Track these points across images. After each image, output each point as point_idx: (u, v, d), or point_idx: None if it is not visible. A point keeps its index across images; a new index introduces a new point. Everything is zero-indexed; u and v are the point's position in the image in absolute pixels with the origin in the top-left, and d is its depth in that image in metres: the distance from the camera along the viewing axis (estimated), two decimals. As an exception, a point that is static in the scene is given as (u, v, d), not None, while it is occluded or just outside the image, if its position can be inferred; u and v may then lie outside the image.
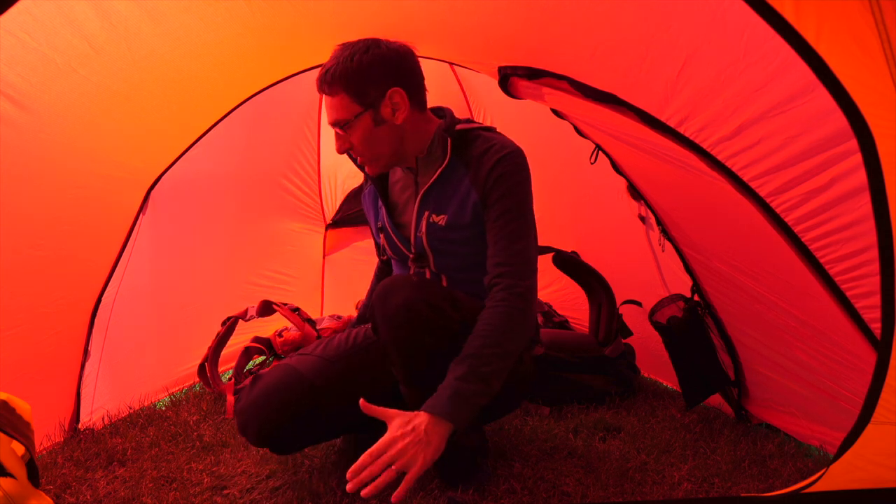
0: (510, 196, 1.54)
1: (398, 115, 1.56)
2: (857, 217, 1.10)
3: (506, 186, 1.54)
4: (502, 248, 1.53)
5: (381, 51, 1.54)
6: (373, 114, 1.56)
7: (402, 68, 1.57)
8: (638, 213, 2.26)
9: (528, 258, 1.54)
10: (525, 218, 1.56)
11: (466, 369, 1.39)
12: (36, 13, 1.40)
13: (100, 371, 2.15)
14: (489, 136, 1.62)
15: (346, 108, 1.56)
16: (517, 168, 1.56)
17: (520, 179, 1.57)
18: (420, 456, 1.30)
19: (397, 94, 1.55)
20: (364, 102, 1.55)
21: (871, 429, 1.11)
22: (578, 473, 1.65)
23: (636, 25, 1.31)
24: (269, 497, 1.57)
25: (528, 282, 1.51)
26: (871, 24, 0.91)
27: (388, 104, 1.55)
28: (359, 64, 1.53)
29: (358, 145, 1.59)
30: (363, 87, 1.54)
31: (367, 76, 1.53)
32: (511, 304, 1.47)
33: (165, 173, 2.24)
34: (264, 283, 3.17)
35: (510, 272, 1.50)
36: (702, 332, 2.04)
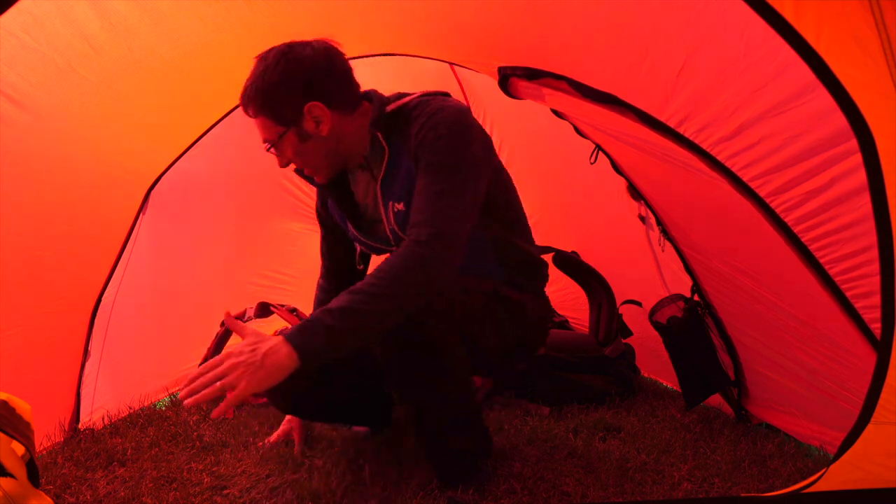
0: (432, 156, 1.45)
1: (322, 127, 1.51)
2: (857, 217, 1.10)
3: (429, 149, 1.46)
4: (419, 206, 1.43)
5: (292, 66, 1.47)
6: (297, 131, 1.51)
7: (315, 80, 1.50)
8: (638, 213, 2.26)
9: (445, 214, 1.41)
10: (451, 177, 1.44)
11: (339, 303, 1.30)
12: (36, 13, 1.40)
13: (100, 371, 2.15)
14: (420, 104, 1.53)
15: (269, 129, 1.53)
16: (440, 127, 1.46)
17: (442, 137, 1.45)
18: (245, 378, 1.22)
19: (316, 108, 1.49)
20: (284, 122, 1.51)
21: (871, 429, 1.11)
22: (578, 473, 1.65)
23: (636, 26, 1.31)
24: (268, 497, 1.57)
25: (437, 231, 1.38)
26: (871, 24, 0.91)
27: (308, 119, 1.50)
28: (270, 85, 1.48)
29: (294, 160, 1.57)
30: (279, 108, 1.49)
31: (280, 97, 1.48)
32: (410, 250, 1.37)
33: (165, 173, 2.24)
34: (264, 283, 3.17)
35: (420, 223, 1.40)
36: (702, 332, 2.04)
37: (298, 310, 2.80)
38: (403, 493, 1.55)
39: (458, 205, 1.43)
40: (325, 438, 1.93)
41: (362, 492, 1.57)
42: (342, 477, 1.64)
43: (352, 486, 1.60)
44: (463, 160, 1.47)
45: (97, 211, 2.00)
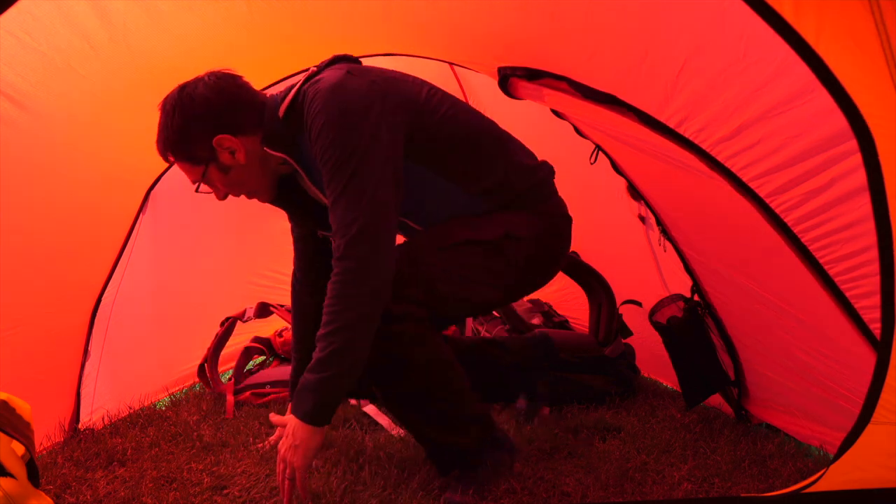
0: (320, 158, 1.41)
1: (238, 156, 1.53)
2: (857, 217, 1.10)
3: (318, 142, 1.41)
4: (331, 216, 1.41)
5: (188, 109, 1.50)
6: (216, 165, 1.54)
7: (216, 113, 1.51)
8: (638, 213, 2.26)
9: (352, 218, 1.37)
10: (342, 173, 1.38)
11: (314, 358, 1.37)
12: (36, 13, 1.40)
13: (100, 371, 2.15)
14: (305, 99, 1.47)
15: (191, 172, 1.58)
16: (322, 115, 1.40)
17: (324, 134, 1.39)
18: (293, 460, 1.40)
19: (225, 140, 1.51)
20: (201, 161, 1.54)
21: (871, 429, 1.11)
22: (578, 473, 1.65)
23: (636, 26, 1.31)
24: (268, 497, 1.57)
25: (349, 241, 1.36)
26: (871, 24, 0.91)
27: (223, 152, 1.53)
28: (174, 133, 1.52)
29: (228, 191, 1.61)
30: (189, 149, 1.53)
31: (187, 141, 1.52)
32: (337, 273, 1.37)
33: (165, 173, 2.24)
34: (264, 283, 3.17)
35: (334, 234, 1.39)
36: (702, 332, 2.04)
37: (298, 310, 2.80)
38: (403, 493, 1.55)
39: (361, 201, 1.38)
40: (326, 438, 1.93)
41: (362, 492, 1.57)
42: (342, 477, 1.64)
43: (352, 486, 1.60)
44: (347, 147, 1.38)
45: (97, 211, 2.00)
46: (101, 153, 1.88)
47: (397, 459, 1.75)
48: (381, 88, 1.47)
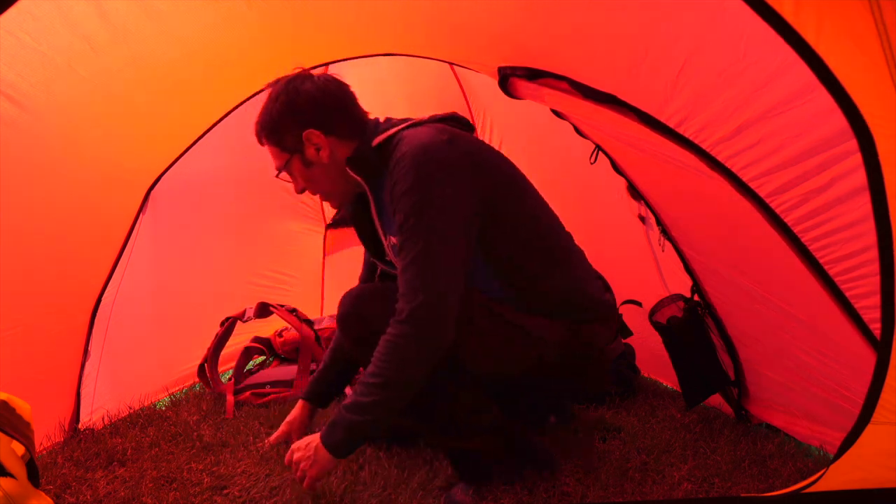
0: (402, 212, 1.44)
1: (322, 154, 1.59)
2: (857, 217, 1.10)
3: (400, 203, 1.44)
4: (399, 277, 1.43)
5: (291, 97, 1.57)
6: (300, 157, 1.60)
7: (313, 109, 1.57)
8: (638, 213, 2.26)
9: (419, 283, 1.40)
10: (419, 240, 1.41)
11: (351, 399, 1.43)
12: (36, 13, 1.40)
13: (100, 371, 2.16)
14: (401, 141, 1.51)
15: (277, 157, 1.64)
16: (408, 179, 1.43)
17: (410, 194, 1.42)
18: (308, 470, 1.47)
19: (313, 135, 1.57)
20: (286, 149, 1.61)
21: (871, 429, 1.11)
22: (578, 473, 1.65)
23: (636, 26, 1.31)
24: (268, 497, 1.57)
25: (415, 305, 1.39)
26: (871, 24, 0.91)
27: (309, 146, 1.59)
28: (271, 115, 1.60)
29: (305, 186, 1.66)
30: (280, 136, 1.60)
31: (280, 126, 1.59)
32: (393, 333, 1.40)
33: (165, 173, 2.24)
34: (264, 284, 3.17)
35: (401, 297, 1.42)
36: (702, 332, 2.04)
37: (298, 310, 2.81)
38: (403, 493, 1.55)
39: (429, 273, 1.41)
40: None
41: (362, 492, 1.57)
42: (342, 477, 1.64)
43: (352, 486, 1.60)
44: (424, 217, 1.41)
45: (97, 211, 2.00)
46: (101, 153, 1.88)
47: (397, 459, 1.75)
48: (472, 162, 1.50)
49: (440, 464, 1.71)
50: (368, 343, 1.47)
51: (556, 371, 1.59)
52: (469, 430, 1.55)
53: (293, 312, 2.74)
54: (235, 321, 2.67)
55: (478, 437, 1.56)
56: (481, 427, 1.56)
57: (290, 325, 2.71)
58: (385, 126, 1.61)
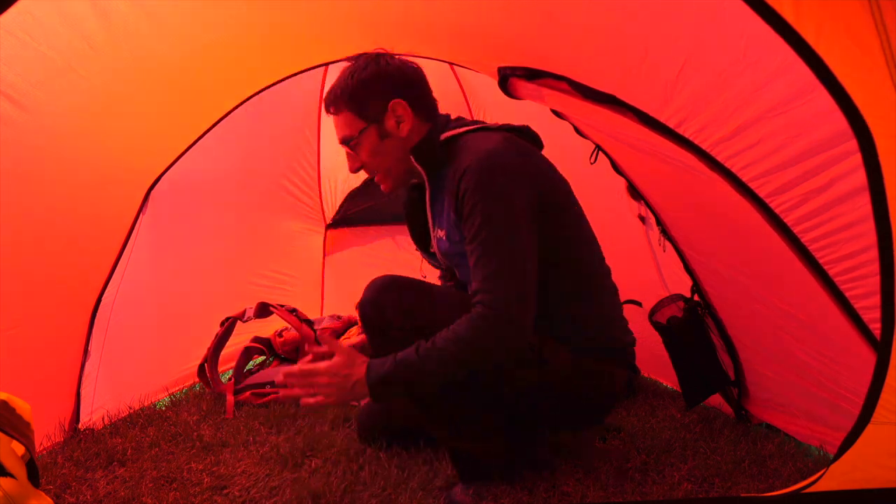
0: (476, 215, 1.44)
1: (402, 127, 1.57)
2: (857, 217, 1.10)
3: (471, 204, 1.44)
4: (477, 274, 1.43)
5: (381, 66, 1.56)
6: (377, 128, 1.57)
7: (402, 81, 1.57)
8: (638, 213, 2.26)
9: (502, 283, 1.41)
10: (496, 236, 1.43)
11: (414, 356, 1.40)
12: (36, 13, 1.39)
13: (100, 371, 2.15)
14: (469, 141, 1.53)
15: (350, 125, 1.58)
16: (482, 179, 1.44)
17: (484, 193, 1.44)
18: (334, 396, 1.44)
19: (399, 105, 1.55)
20: (367, 117, 1.57)
21: (871, 429, 1.11)
22: (578, 473, 1.65)
23: (636, 26, 1.31)
24: (268, 497, 1.57)
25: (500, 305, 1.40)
26: (871, 24, 0.91)
27: (391, 117, 1.56)
28: (358, 80, 1.56)
29: (368, 161, 1.61)
30: (364, 101, 1.56)
31: (366, 91, 1.56)
32: (478, 323, 1.40)
33: (165, 173, 2.24)
34: (264, 283, 3.17)
35: (483, 291, 1.41)
36: (702, 332, 2.04)
37: (298, 310, 2.81)
38: (403, 493, 1.55)
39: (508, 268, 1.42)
40: (326, 438, 1.93)
41: (362, 492, 1.57)
42: (342, 477, 1.64)
43: (352, 486, 1.60)
44: (504, 217, 1.44)
45: (97, 211, 2.00)
46: (101, 153, 1.88)
47: (397, 459, 1.75)
48: (533, 178, 1.52)
49: (440, 464, 1.71)
50: (381, 332, 1.48)
51: (555, 401, 1.58)
52: (472, 429, 1.55)
53: (293, 312, 2.74)
54: (235, 321, 2.67)
55: (480, 437, 1.56)
56: (483, 427, 1.56)
57: (290, 325, 2.72)
58: (455, 124, 1.62)
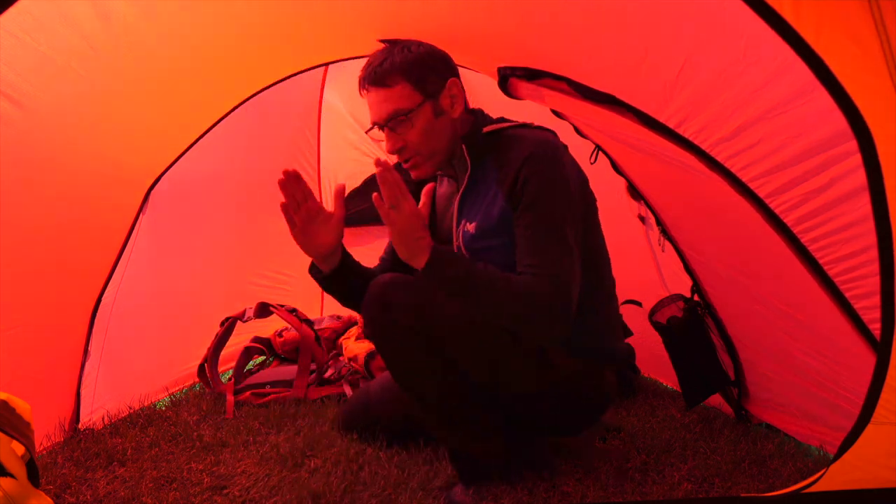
0: (539, 200, 1.46)
1: (456, 107, 1.57)
2: (857, 218, 1.10)
3: (534, 189, 1.46)
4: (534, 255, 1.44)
5: (431, 47, 1.57)
6: (433, 105, 1.55)
7: (452, 62, 1.59)
8: (638, 213, 2.26)
9: (561, 262, 1.44)
10: (551, 225, 1.45)
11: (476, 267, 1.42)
12: (35, 13, 1.40)
13: (100, 371, 2.15)
14: (518, 135, 1.55)
15: (407, 98, 1.53)
16: (545, 166, 1.47)
17: (543, 184, 1.46)
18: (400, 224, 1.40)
19: (455, 85, 1.56)
20: (426, 91, 1.54)
21: (871, 429, 1.11)
22: (578, 473, 1.65)
23: (635, 26, 1.31)
24: (268, 497, 1.57)
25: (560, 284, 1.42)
26: (871, 24, 0.91)
27: (446, 95, 1.56)
28: (418, 54, 1.54)
29: (415, 140, 1.55)
30: (425, 75, 1.54)
31: (428, 65, 1.55)
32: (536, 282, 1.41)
33: (165, 173, 2.24)
34: (264, 284, 3.17)
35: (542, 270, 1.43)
36: (702, 332, 2.04)
37: (298, 310, 2.81)
38: (403, 493, 1.55)
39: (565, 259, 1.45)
40: (326, 438, 1.94)
41: (362, 492, 1.57)
42: (342, 477, 1.64)
43: (352, 486, 1.60)
44: (562, 208, 1.48)
45: (97, 211, 2.00)
46: (101, 153, 1.88)
47: (397, 459, 1.75)
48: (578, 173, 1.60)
49: (440, 464, 1.71)
50: (387, 332, 1.48)
51: (554, 405, 1.60)
52: (471, 429, 1.55)
53: (293, 312, 2.74)
54: (235, 321, 2.67)
55: (479, 437, 1.56)
56: (483, 427, 1.56)
57: (290, 325, 2.72)
58: (494, 119, 1.64)
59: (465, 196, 1.61)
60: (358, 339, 2.72)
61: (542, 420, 1.64)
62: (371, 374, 2.44)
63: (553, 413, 1.63)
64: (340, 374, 2.50)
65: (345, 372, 2.50)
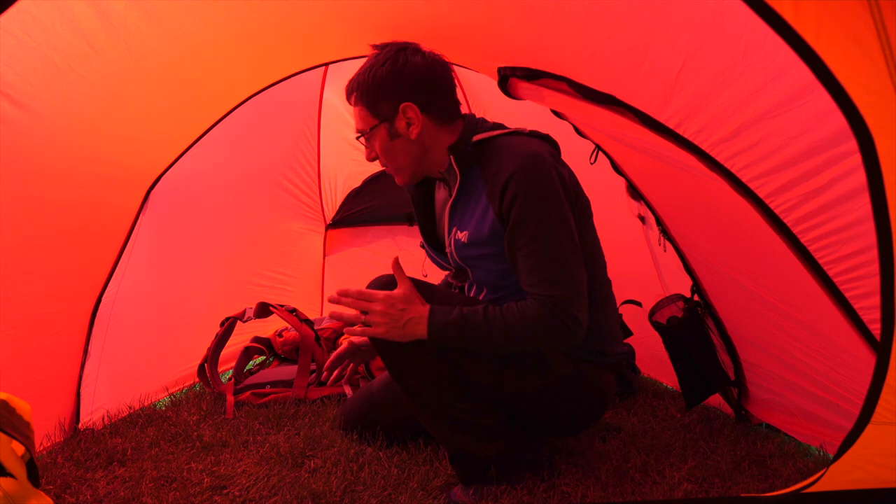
0: (528, 219, 1.46)
1: (412, 129, 1.58)
2: (857, 218, 1.10)
3: (522, 208, 1.46)
4: (535, 275, 1.46)
5: (398, 65, 1.55)
6: (388, 127, 1.59)
7: (418, 83, 1.56)
8: (638, 213, 2.26)
9: (560, 279, 1.46)
10: (550, 238, 1.47)
11: (480, 316, 1.44)
12: (35, 13, 1.40)
13: (100, 371, 2.15)
14: (507, 144, 1.55)
15: (363, 120, 1.62)
16: (531, 182, 1.47)
17: (535, 196, 1.46)
18: (383, 328, 1.46)
19: (410, 109, 1.56)
20: (378, 115, 1.59)
21: (871, 429, 1.11)
22: (578, 473, 1.65)
23: (635, 27, 1.31)
24: (268, 497, 1.57)
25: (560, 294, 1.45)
26: (871, 24, 0.91)
27: (402, 118, 1.57)
28: (373, 78, 1.57)
29: (380, 156, 1.65)
30: (376, 100, 1.58)
31: (379, 90, 1.57)
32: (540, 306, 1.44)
33: (165, 173, 2.24)
34: (264, 284, 3.17)
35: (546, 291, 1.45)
36: (702, 332, 2.04)
37: (298, 310, 2.81)
38: (403, 493, 1.55)
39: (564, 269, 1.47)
40: (326, 438, 1.94)
41: (362, 492, 1.57)
42: (342, 477, 1.64)
43: (352, 486, 1.60)
44: (555, 219, 1.48)
45: (97, 211, 2.00)
46: (101, 153, 1.88)
47: (397, 459, 1.75)
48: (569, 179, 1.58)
49: (440, 464, 1.71)
50: None
51: (554, 406, 1.62)
52: (472, 430, 1.55)
53: (293, 312, 2.74)
54: (235, 321, 2.67)
55: (480, 438, 1.56)
56: (484, 428, 1.56)
57: (290, 325, 2.71)
58: (487, 126, 1.63)
59: (456, 205, 1.62)
60: (358, 339, 2.72)
61: (542, 421, 1.64)
62: (371, 374, 2.44)
63: (552, 414, 1.64)
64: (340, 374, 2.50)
65: (345, 372, 2.50)
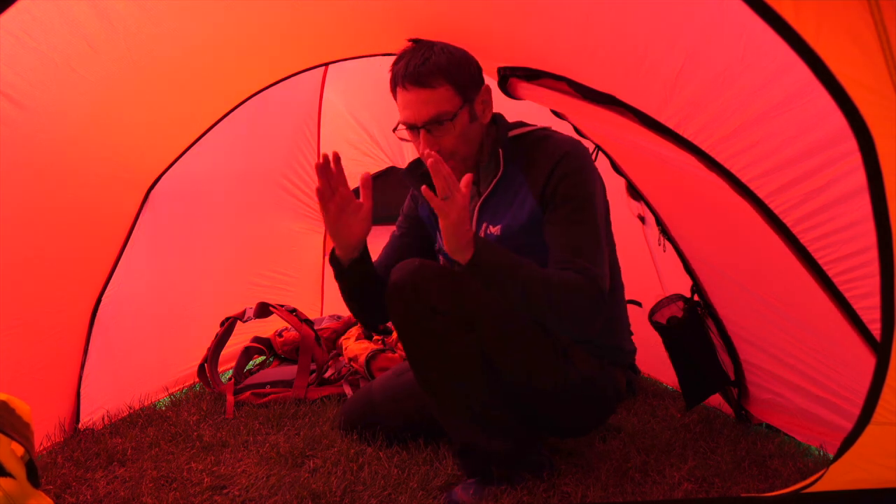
0: (575, 195, 1.50)
1: (486, 113, 1.57)
2: (857, 218, 1.10)
3: (570, 186, 1.50)
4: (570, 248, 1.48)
5: (461, 50, 1.57)
6: (469, 109, 1.56)
7: (480, 69, 1.59)
8: (637, 213, 2.26)
9: (596, 258, 1.49)
10: (587, 221, 1.50)
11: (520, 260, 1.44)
12: (35, 13, 1.40)
13: (100, 371, 2.16)
14: (544, 137, 1.58)
15: (449, 101, 1.53)
16: (580, 165, 1.52)
17: (579, 181, 1.51)
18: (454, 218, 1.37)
19: (487, 91, 1.56)
20: (465, 95, 1.55)
21: (871, 429, 1.11)
22: (578, 473, 1.65)
23: (635, 26, 1.31)
24: (268, 496, 1.57)
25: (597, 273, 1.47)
26: (871, 24, 0.91)
27: (480, 101, 1.56)
28: (459, 56, 1.54)
29: (451, 144, 1.55)
30: (465, 79, 1.55)
31: (466, 69, 1.55)
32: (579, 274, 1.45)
33: (165, 173, 2.24)
34: (264, 284, 3.17)
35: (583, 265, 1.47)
36: (702, 332, 2.04)
37: (298, 310, 2.81)
38: (403, 493, 1.55)
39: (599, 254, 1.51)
40: (326, 438, 1.94)
41: (362, 492, 1.57)
42: (342, 477, 1.64)
43: (352, 486, 1.60)
44: (594, 206, 1.52)
45: (97, 211, 2.01)
46: (100, 153, 1.88)
47: (397, 459, 1.75)
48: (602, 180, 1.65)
49: (440, 464, 1.71)
50: (421, 319, 1.46)
51: (573, 403, 1.62)
52: (489, 424, 1.54)
53: (293, 312, 2.74)
54: (235, 321, 2.67)
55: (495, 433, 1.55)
56: (500, 423, 1.55)
57: (290, 325, 2.71)
58: (514, 123, 1.65)
59: (488, 200, 1.62)
60: (358, 339, 2.72)
61: (557, 419, 1.65)
62: (371, 374, 2.44)
63: (568, 411, 1.65)
64: (340, 374, 2.50)
65: (345, 372, 2.50)
